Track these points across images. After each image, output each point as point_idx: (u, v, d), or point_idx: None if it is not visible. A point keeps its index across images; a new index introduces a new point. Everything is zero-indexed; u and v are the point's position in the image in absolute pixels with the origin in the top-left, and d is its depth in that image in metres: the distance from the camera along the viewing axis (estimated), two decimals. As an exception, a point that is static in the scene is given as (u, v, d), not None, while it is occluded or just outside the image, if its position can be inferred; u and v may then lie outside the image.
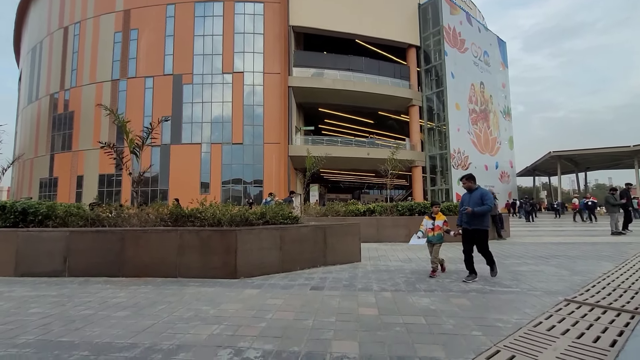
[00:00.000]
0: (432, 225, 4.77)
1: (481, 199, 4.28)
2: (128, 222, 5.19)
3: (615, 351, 2.12)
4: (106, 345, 2.38)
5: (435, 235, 4.72)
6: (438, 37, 28.63)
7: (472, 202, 4.33)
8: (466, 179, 4.52)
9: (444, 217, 4.79)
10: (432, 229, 4.75)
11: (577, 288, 3.80)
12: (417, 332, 2.57)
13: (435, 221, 4.78)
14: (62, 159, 27.55)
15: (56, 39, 29.85)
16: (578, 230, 12.68)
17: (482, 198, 4.28)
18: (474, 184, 4.46)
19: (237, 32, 25.25)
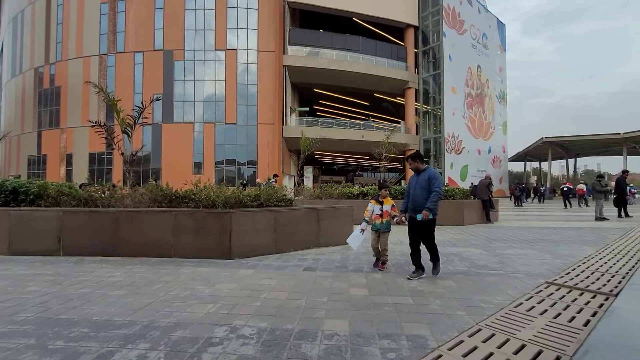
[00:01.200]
0: (381, 211, 4.19)
1: (428, 183, 3.68)
2: (122, 202, 5.19)
3: (587, 330, 2.28)
4: (105, 322, 2.46)
5: (384, 223, 4.14)
6: (437, 17, 28.03)
7: (418, 186, 3.76)
8: (412, 158, 3.93)
9: (392, 202, 4.25)
10: (380, 215, 4.18)
11: (558, 271, 3.98)
12: (405, 311, 2.70)
13: (383, 206, 4.21)
14: (50, 136, 26.91)
15: (38, 8, 28.37)
16: (564, 215, 13.06)
17: (430, 181, 3.67)
18: (421, 164, 3.88)
19: (230, 7, 24.31)
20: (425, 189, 3.68)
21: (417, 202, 3.71)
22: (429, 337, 2.22)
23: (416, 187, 3.77)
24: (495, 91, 34.84)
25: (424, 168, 3.86)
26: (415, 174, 3.90)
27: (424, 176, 3.75)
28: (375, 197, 4.32)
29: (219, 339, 2.19)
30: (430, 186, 3.66)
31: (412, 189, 3.81)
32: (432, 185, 3.65)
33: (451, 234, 7.42)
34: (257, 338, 2.20)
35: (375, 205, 4.23)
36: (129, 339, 2.18)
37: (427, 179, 3.70)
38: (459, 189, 10.18)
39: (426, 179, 3.71)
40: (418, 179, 3.81)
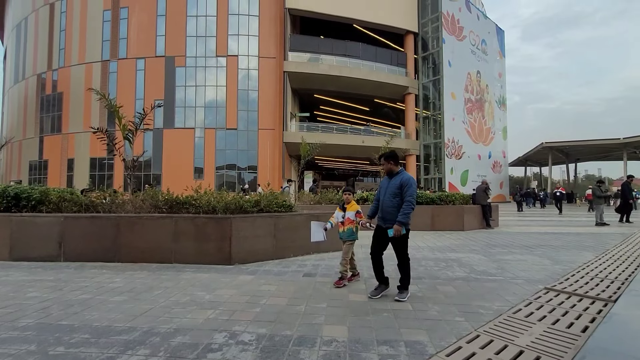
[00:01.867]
0: (343, 217, 3.73)
1: (400, 189, 3.19)
2: (122, 208, 5.22)
3: (585, 336, 2.29)
4: (105, 328, 2.47)
5: (346, 231, 3.70)
6: (436, 23, 28.30)
7: (388, 192, 3.27)
8: (384, 158, 3.39)
9: (357, 207, 3.77)
10: (342, 222, 3.74)
11: (557, 277, 3.99)
12: (404, 317, 2.72)
13: (346, 212, 3.74)
14: (51, 142, 27.05)
15: (42, 15, 28.72)
16: (565, 220, 13.05)
17: (402, 188, 3.18)
18: (395, 165, 3.36)
19: (232, 14, 24.59)
20: (395, 196, 3.20)
21: (386, 211, 3.25)
22: (427, 343, 2.23)
23: (386, 193, 3.30)
24: (495, 96, 35.01)
25: (398, 171, 3.35)
26: (387, 177, 3.41)
27: (396, 181, 3.25)
28: (339, 204, 3.87)
29: (219, 345, 2.21)
30: (402, 194, 3.18)
31: (382, 195, 3.34)
32: (404, 193, 3.16)
33: (451, 239, 7.42)
34: (256, 344, 2.21)
35: (338, 212, 3.80)
36: (129, 345, 2.20)
37: (399, 185, 3.20)
38: (459, 194, 10.19)
39: (397, 185, 3.21)
40: (389, 183, 3.33)
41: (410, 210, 3.12)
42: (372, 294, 3.23)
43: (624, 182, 11.53)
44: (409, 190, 3.16)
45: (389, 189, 3.28)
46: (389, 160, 3.38)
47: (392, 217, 3.19)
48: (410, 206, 3.12)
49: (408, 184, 3.18)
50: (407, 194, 3.15)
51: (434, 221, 9.01)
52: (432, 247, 6.33)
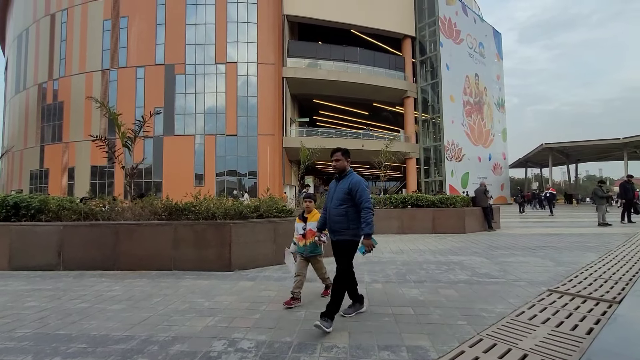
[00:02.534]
0: (304, 230, 3.19)
1: (349, 194, 2.68)
2: (122, 215, 5.20)
3: (590, 338, 2.25)
4: (103, 337, 2.44)
5: (308, 245, 3.14)
6: (433, 27, 28.50)
7: (334, 198, 2.76)
8: (334, 152, 2.88)
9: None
10: (302, 235, 3.20)
11: (561, 278, 3.94)
12: (405, 322, 2.68)
13: (307, 223, 3.20)
14: (52, 151, 27.14)
15: (43, 26, 29.03)
16: (567, 221, 12.98)
17: (351, 193, 2.68)
18: (345, 162, 2.82)
19: (230, 21, 24.81)
20: (343, 202, 2.69)
21: (333, 220, 2.73)
22: (429, 348, 2.20)
23: (332, 199, 2.77)
24: (494, 99, 35.10)
25: (347, 172, 2.81)
26: (335, 179, 2.88)
27: (344, 184, 2.74)
28: (300, 214, 3.34)
29: (217, 352, 2.17)
30: (352, 199, 2.67)
31: (330, 202, 2.80)
32: (356, 199, 2.64)
33: (452, 242, 7.37)
34: (256, 351, 2.18)
35: (298, 223, 3.26)
36: (126, 354, 2.17)
37: (347, 189, 2.69)
38: (460, 197, 10.15)
39: (345, 189, 2.70)
40: (337, 187, 2.80)
41: (372, 217, 2.65)
42: (345, 312, 2.82)
43: (621, 182, 11.49)
44: (362, 195, 2.65)
45: (336, 194, 2.76)
46: (338, 155, 2.83)
47: (341, 227, 2.68)
48: (369, 213, 2.62)
49: (359, 188, 2.67)
50: (362, 199, 2.63)
51: (435, 224, 8.96)
52: (433, 250, 6.29)
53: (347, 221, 2.68)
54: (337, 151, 2.86)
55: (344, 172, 2.83)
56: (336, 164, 2.83)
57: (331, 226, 2.77)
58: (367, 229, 2.59)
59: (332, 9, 25.77)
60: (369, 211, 2.63)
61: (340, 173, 2.84)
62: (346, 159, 2.85)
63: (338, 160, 2.82)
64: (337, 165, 2.84)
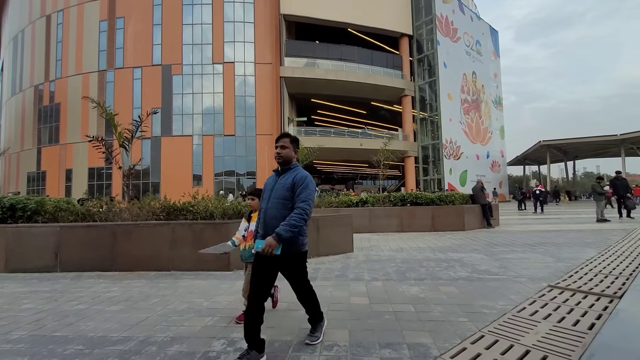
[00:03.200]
0: (246, 230, 2.77)
1: (292, 191, 2.17)
2: (119, 216, 5.16)
3: (592, 333, 2.23)
4: (100, 339, 2.41)
5: (247, 249, 2.67)
6: (430, 26, 28.50)
7: (274, 196, 2.20)
8: (280, 137, 2.33)
9: None
10: (243, 237, 2.78)
11: (561, 274, 3.93)
12: (406, 319, 2.66)
13: (250, 224, 2.73)
14: (49, 152, 27.00)
15: (38, 27, 28.86)
16: (565, 218, 13.01)
17: (294, 189, 2.16)
18: (292, 152, 2.30)
19: (227, 21, 24.74)
20: (285, 201, 2.15)
21: (269, 224, 2.13)
22: (431, 345, 2.18)
23: (271, 197, 2.20)
24: (491, 97, 35.16)
25: (293, 165, 2.29)
26: (276, 172, 2.32)
27: (287, 179, 2.20)
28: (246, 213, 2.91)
29: (216, 352, 2.15)
30: (294, 195, 2.15)
31: (266, 201, 2.22)
32: (297, 195, 2.13)
33: (452, 239, 7.36)
34: (256, 351, 2.15)
35: (243, 223, 2.83)
36: (124, 355, 2.13)
37: (290, 185, 2.17)
38: (458, 194, 10.15)
39: (288, 186, 2.17)
40: (276, 182, 2.24)
41: (301, 222, 2.04)
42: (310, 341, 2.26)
43: (611, 179, 11.52)
44: (304, 192, 2.12)
45: (276, 191, 2.19)
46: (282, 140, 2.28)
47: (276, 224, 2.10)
48: (301, 215, 2.04)
49: (303, 184, 2.15)
50: (302, 197, 2.11)
51: (434, 222, 8.96)
52: (433, 247, 6.28)
53: None
54: (284, 136, 2.31)
55: (289, 165, 2.27)
56: (281, 151, 2.26)
57: (266, 231, 2.12)
58: (284, 231, 1.97)
59: (329, 8, 25.74)
60: (302, 213, 2.04)
61: (284, 165, 2.27)
62: (294, 149, 2.32)
63: (284, 148, 2.26)
64: (282, 154, 2.25)
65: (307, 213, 2.08)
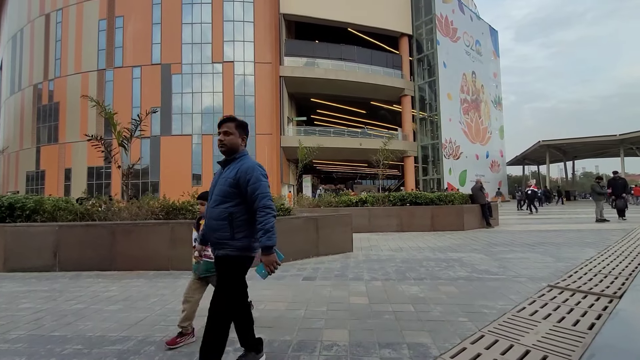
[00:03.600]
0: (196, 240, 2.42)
1: (236, 186, 1.83)
2: (118, 215, 5.15)
3: (592, 333, 2.23)
4: (99, 338, 2.40)
5: (202, 263, 2.36)
6: (430, 25, 28.47)
7: (215, 191, 1.89)
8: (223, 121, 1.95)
9: None
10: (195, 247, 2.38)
11: (561, 274, 3.93)
12: (406, 319, 2.65)
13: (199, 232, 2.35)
14: (48, 152, 26.93)
15: (37, 26, 28.77)
16: (565, 217, 13.02)
17: (239, 182, 1.82)
18: (239, 139, 1.94)
19: (227, 20, 24.68)
20: (227, 198, 1.82)
21: (210, 226, 1.86)
22: (431, 345, 2.17)
23: (213, 194, 1.89)
24: (491, 96, 35.16)
25: (240, 155, 1.92)
26: (220, 164, 1.97)
27: (230, 172, 1.86)
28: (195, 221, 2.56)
29: (216, 352, 2.13)
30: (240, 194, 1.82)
31: (210, 199, 1.92)
32: (248, 193, 1.80)
33: (451, 239, 7.36)
34: (255, 350, 2.14)
35: (193, 232, 2.52)
36: (123, 355, 2.13)
37: (233, 180, 1.82)
38: (458, 194, 10.15)
39: (230, 180, 1.82)
40: (219, 177, 1.91)
41: (273, 221, 1.78)
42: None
43: (609, 179, 11.50)
44: (257, 187, 1.78)
45: (218, 187, 1.87)
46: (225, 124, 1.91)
47: (222, 236, 1.80)
48: (269, 215, 1.77)
49: (251, 176, 1.79)
50: (258, 194, 1.78)
51: (433, 221, 8.96)
52: (432, 247, 6.28)
53: (231, 227, 1.79)
54: (228, 120, 1.91)
55: (234, 155, 1.91)
56: (224, 138, 1.87)
57: (209, 235, 1.88)
58: (267, 240, 1.73)
59: (329, 7, 25.70)
60: (269, 212, 1.77)
61: (228, 154, 1.91)
62: (241, 135, 1.93)
63: (228, 134, 1.88)
64: (226, 142, 1.87)
65: (273, 209, 1.81)
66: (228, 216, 1.82)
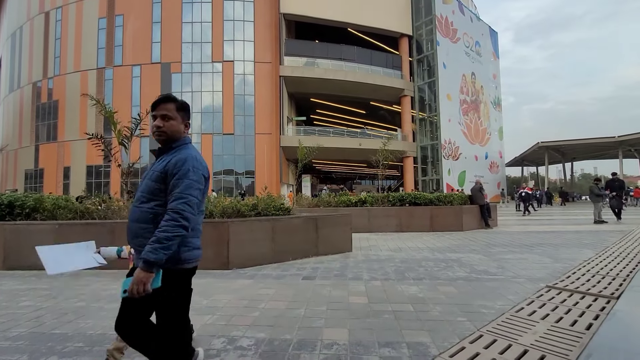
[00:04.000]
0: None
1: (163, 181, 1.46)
2: (118, 214, 5.15)
3: (590, 334, 2.25)
4: (100, 336, 2.41)
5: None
6: (430, 26, 28.51)
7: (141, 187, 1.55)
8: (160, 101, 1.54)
9: None
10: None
11: (559, 275, 3.95)
12: (405, 319, 2.67)
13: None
14: (47, 150, 26.88)
15: (37, 24, 28.70)
16: (564, 219, 13.07)
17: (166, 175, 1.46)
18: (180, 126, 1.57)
19: (227, 20, 24.68)
20: (152, 195, 1.48)
21: (132, 229, 1.51)
22: (430, 345, 2.19)
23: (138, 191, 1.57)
24: (490, 97, 35.23)
25: (179, 144, 1.56)
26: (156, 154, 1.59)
27: (160, 164, 1.51)
28: None
29: (217, 350, 2.15)
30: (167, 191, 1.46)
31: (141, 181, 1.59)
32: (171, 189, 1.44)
33: (450, 239, 7.39)
34: (255, 349, 2.16)
35: None
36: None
37: (161, 173, 1.47)
38: (457, 195, 10.18)
39: (158, 173, 1.48)
40: (151, 169, 1.56)
41: (177, 231, 1.36)
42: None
43: (607, 181, 11.55)
44: (180, 184, 1.41)
45: (144, 182, 1.53)
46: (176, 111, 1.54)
47: (145, 244, 1.40)
48: (176, 221, 1.37)
49: (180, 172, 1.43)
50: (176, 192, 1.40)
51: (432, 222, 8.98)
52: (431, 247, 6.30)
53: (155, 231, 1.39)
54: (166, 101, 1.53)
55: (173, 143, 1.54)
56: (163, 124, 1.51)
57: (130, 242, 1.53)
58: (151, 252, 1.31)
59: (329, 7, 25.71)
60: (177, 221, 1.35)
61: (166, 144, 1.54)
62: (184, 120, 1.58)
63: (166, 118, 1.51)
64: (166, 128, 1.51)
65: (184, 217, 1.36)
66: (152, 218, 1.44)
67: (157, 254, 1.33)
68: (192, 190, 1.44)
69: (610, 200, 11.13)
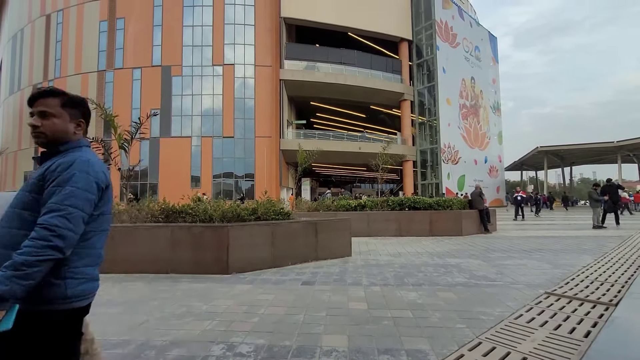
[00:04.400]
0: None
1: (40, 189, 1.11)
2: (119, 218, 5.15)
3: (588, 341, 2.26)
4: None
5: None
6: (430, 31, 28.70)
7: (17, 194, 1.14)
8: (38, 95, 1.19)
9: None
10: None
11: (557, 281, 3.96)
12: (404, 325, 2.67)
13: None
14: (47, 152, 26.84)
15: (38, 27, 28.82)
16: (562, 224, 13.08)
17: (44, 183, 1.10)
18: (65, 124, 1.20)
19: (228, 23, 24.81)
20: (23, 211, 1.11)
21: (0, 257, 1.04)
22: (429, 352, 2.19)
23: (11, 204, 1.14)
24: (490, 102, 35.38)
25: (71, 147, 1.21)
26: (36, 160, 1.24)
27: (39, 170, 1.15)
28: None
29: (216, 357, 2.15)
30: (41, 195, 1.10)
31: None
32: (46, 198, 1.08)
33: (449, 244, 7.39)
34: (255, 355, 2.16)
35: None
36: (123, 358, 2.14)
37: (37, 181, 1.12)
38: (457, 199, 10.20)
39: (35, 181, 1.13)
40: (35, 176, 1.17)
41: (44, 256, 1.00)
42: None
43: (603, 186, 11.57)
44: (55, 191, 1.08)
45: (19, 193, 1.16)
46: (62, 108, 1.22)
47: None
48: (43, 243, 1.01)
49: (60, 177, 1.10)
50: (50, 202, 1.07)
51: (432, 226, 8.99)
52: (431, 252, 6.30)
53: None
54: (46, 95, 1.21)
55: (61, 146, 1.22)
56: (38, 123, 1.19)
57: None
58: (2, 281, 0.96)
59: (330, 12, 25.89)
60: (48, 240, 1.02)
61: (49, 146, 1.22)
62: (74, 119, 1.25)
63: (46, 116, 1.19)
64: (44, 128, 1.19)
65: (58, 235, 1.03)
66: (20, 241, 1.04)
67: (9, 284, 0.95)
68: (74, 200, 1.08)
69: (604, 204, 11.17)
